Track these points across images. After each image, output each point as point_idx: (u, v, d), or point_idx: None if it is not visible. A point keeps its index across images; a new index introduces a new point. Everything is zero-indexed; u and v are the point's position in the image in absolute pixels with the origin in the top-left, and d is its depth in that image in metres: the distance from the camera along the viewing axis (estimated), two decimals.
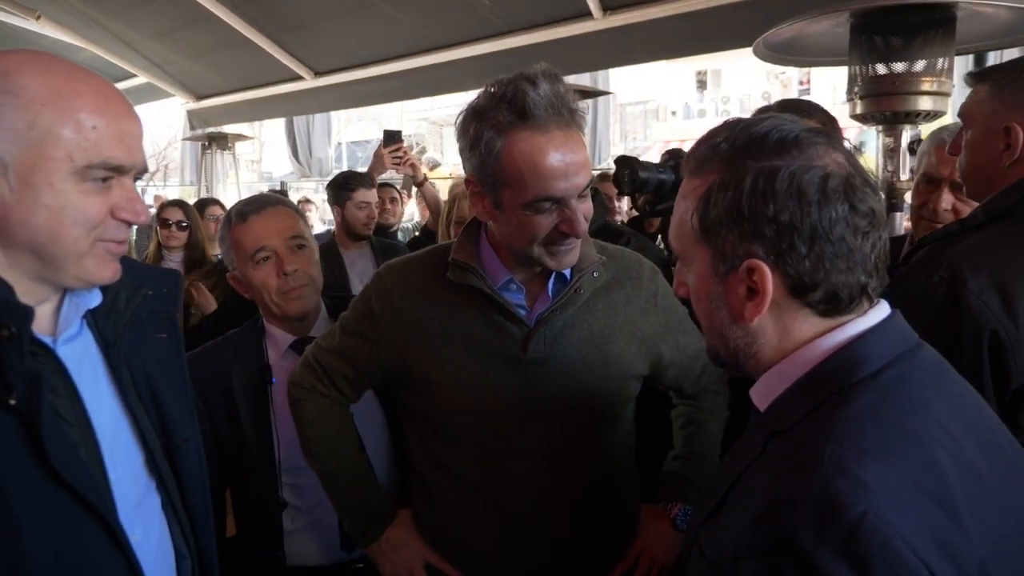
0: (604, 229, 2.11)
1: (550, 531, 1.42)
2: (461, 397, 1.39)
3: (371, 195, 3.52)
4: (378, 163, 3.63)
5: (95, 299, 1.08)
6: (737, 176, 0.82)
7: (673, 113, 25.94)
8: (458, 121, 1.32)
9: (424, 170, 4.00)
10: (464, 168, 1.34)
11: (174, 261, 3.96)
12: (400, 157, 3.59)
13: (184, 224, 4.00)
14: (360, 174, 3.64)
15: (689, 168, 0.90)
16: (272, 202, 1.79)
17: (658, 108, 26.55)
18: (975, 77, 1.52)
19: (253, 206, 1.76)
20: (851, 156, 0.84)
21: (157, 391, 1.16)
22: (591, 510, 1.45)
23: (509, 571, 1.45)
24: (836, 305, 0.83)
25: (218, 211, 4.68)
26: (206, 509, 1.23)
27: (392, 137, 3.61)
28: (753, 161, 0.82)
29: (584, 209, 1.30)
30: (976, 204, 1.88)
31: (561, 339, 1.38)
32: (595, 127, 7.56)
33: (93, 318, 1.10)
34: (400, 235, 4.39)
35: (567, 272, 1.39)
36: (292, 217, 1.78)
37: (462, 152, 1.32)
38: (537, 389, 1.38)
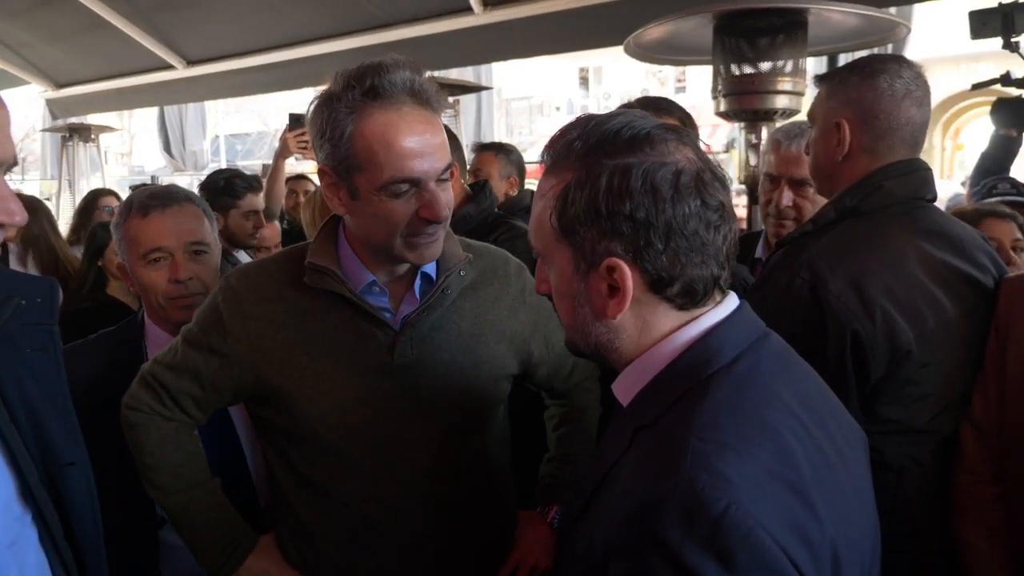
0: (499, 221, 2.14)
1: (426, 543, 1.35)
2: (327, 409, 1.30)
3: (259, 202, 3.25)
4: (284, 148, 3.52)
5: None
6: (592, 174, 0.83)
7: (557, 109, 26.37)
8: (310, 109, 1.23)
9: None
10: (317, 159, 1.25)
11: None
12: (307, 142, 3.49)
13: None
14: (248, 177, 3.31)
15: (545, 166, 0.91)
16: (179, 199, 1.65)
17: (542, 104, 26.95)
18: (819, 78, 1.62)
19: (158, 201, 1.62)
20: (700, 151, 0.86)
21: (35, 411, 1.06)
22: (469, 518, 1.38)
23: None
24: (692, 298, 0.86)
25: (113, 202, 4.34)
26: (96, 538, 1.14)
27: (298, 121, 3.48)
28: (607, 159, 0.83)
29: (445, 197, 1.22)
30: (821, 199, 2.04)
31: (429, 341, 1.32)
32: (479, 121, 7.58)
33: None
34: None
35: (432, 272, 1.33)
36: (197, 219, 1.65)
37: (314, 142, 1.23)
38: (407, 394, 1.31)
